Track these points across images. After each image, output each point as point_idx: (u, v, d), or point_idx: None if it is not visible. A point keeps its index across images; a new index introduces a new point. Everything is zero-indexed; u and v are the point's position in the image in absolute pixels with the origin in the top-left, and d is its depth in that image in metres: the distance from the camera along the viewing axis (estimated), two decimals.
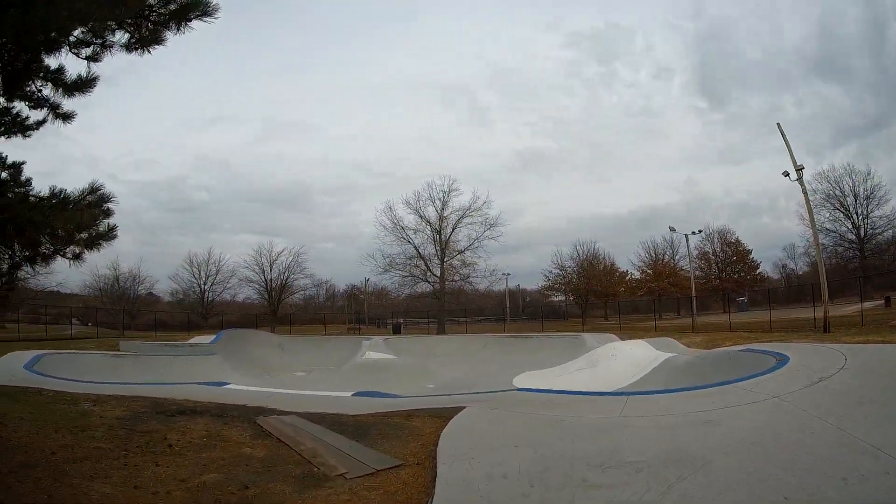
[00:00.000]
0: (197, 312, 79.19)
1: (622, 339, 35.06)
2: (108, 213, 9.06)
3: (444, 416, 12.14)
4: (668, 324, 55.63)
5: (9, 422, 10.73)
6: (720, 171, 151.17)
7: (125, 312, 70.09)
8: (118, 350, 36.06)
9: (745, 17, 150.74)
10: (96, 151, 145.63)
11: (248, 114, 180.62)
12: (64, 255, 8.99)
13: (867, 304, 47.26)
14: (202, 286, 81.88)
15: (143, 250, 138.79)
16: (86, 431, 10.66)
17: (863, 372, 13.18)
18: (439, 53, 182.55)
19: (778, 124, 35.07)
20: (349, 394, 20.50)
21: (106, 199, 8.95)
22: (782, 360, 16.01)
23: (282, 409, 14.20)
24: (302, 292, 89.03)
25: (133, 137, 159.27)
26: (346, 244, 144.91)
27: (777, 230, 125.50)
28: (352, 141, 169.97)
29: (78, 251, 8.99)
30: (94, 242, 8.90)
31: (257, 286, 79.38)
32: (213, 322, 72.42)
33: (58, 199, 8.43)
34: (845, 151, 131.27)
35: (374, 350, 39.78)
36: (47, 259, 9.02)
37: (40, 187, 9.06)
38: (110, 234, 9.04)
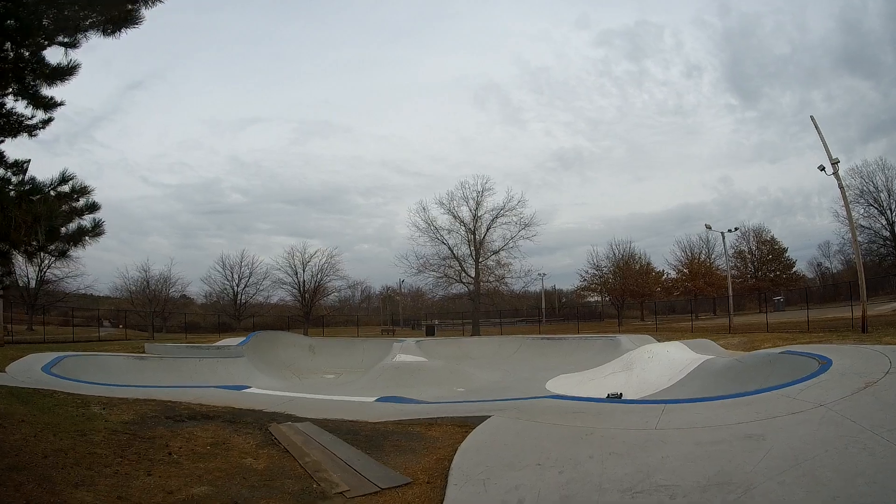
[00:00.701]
0: (229, 314, 79.20)
1: (658, 340, 34.00)
2: (94, 208, 8.34)
3: (467, 425, 11.47)
4: (705, 324, 54.14)
5: (9, 423, 10.16)
6: (755, 169, 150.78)
7: (156, 314, 70.03)
8: (143, 352, 35.67)
9: (771, 13, 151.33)
10: (130, 156, 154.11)
11: (283, 116, 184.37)
12: (48, 252, 8.31)
13: None
14: (235, 288, 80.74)
15: (179, 253, 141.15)
16: (86, 436, 10.09)
17: None
18: (471, 53, 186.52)
19: (811, 117, 34.24)
20: (373, 399, 19.70)
21: (81, 191, 8.22)
22: (825, 364, 14.91)
23: (299, 414, 13.68)
24: (336, 294, 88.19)
25: (167, 141, 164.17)
26: (381, 245, 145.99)
27: (811, 228, 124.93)
28: (385, 142, 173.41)
29: (62, 247, 8.29)
30: (76, 239, 8.19)
31: (290, 288, 78.26)
32: (245, 324, 72.14)
33: (25, 189, 7.73)
34: (875, 147, 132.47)
35: (406, 352, 38.62)
36: (31, 256, 8.33)
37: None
38: (96, 230, 8.32)
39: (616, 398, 31.15)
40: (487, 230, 63.01)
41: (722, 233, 53.57)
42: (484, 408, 14.00)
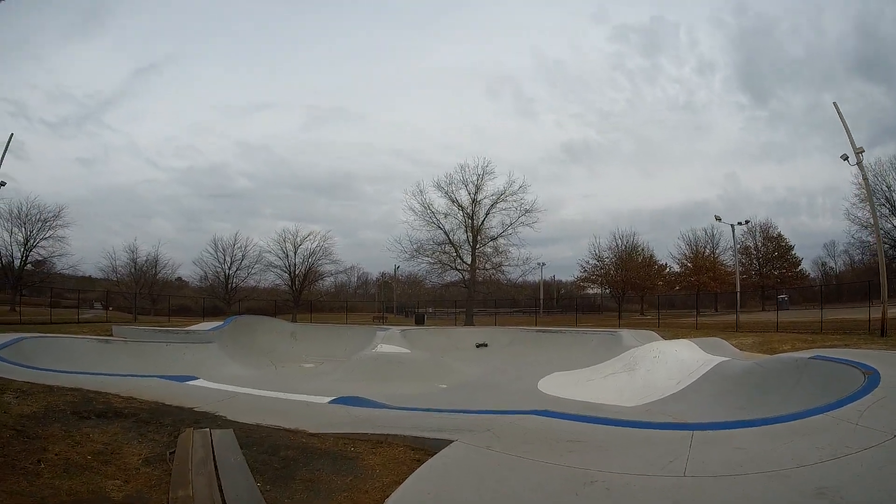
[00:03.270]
0: (220, 298, 76.81)
1: (663, 337, 31.22)
2: None
3: (422, 449, 8.67)
4: (710, 321, 51.93)
5: None
6: (762, 168, 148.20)
7: (141, 296, 68.25)
8: (111, 335, 33.51)
9: (787, 15, 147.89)
10: (138, 139, 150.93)
11: (295, 102, 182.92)
12: None
13: None
14: (226, 271, 78.33)
15: (182, 236, 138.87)
16: None
17: None
18: (486, 43, 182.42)
19: (835, 104, 32.30)
20: (327, 399, 16.73)
21: None
22: (871, 375, 12.36)
23: (230, 417, 11.19)
24: (331, 278, 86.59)
25: (177, 125, 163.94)
26: (384, 232, 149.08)
27: (815, 229, 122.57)
28: (397, 130, 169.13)
29: None
30: None
31: (280, 272, 77.05)
32: (236, 308, 69.41)
33: None
34: (883, 151, 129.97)
35: (388, 342, 36.18)
36: None
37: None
38: None
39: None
40: (486, 215, 60.80)
41: (732, 225, 50.88)
42: (454, 423, 10.78)
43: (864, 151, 30.79)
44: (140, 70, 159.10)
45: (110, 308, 64.54)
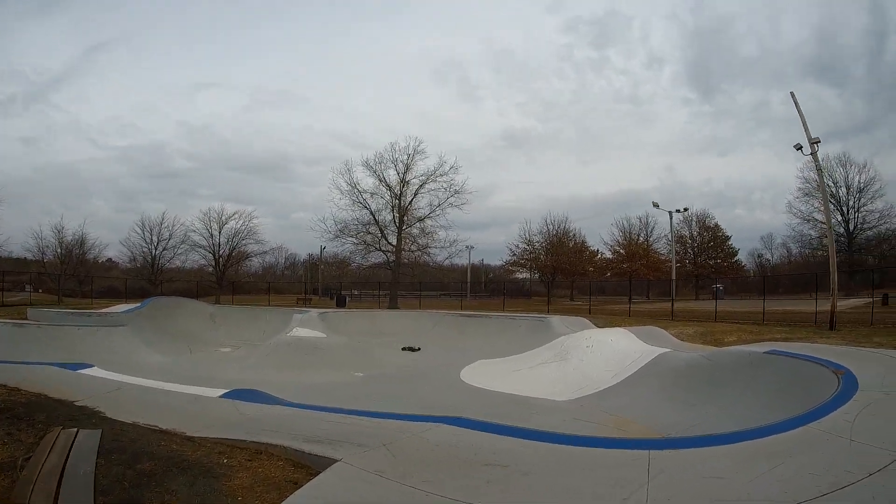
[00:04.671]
0: (146, 279, 74.10)
1: (596, 324, 30.19)
2: None
3: (304, 466, 7.16)
4: (643, 308, 51.23)
5: None
6: (702, 160, 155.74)
7: (67, 277, 65.43)
8: (25, 318, 32.52)
9: (747, 15, 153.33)
10: (83, 117, 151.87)
11: (241, 83, 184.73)
12: None
13: (859, 301, 46.27)
14: (153, 251, 76.07)
15: (117, 217, 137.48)
16: None
17: None
18: (437, 29, 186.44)
19: (792, 93, 30.64)
20: (218, 393, 15.07)
21: None
22: (845, 374, 11.10)
23: (109, 413, 9.93)
24: (257, 259, 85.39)
25: (122, 104, 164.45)
26: (317, 213, 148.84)
27: (751, 223, 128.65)
28: (339, 113, 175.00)
29: None
30: None
31: (205, 252, 75.60)
32: (165, 289, 67.56)
33: None
34: (829, 149, 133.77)
35: (305, 326, 34.57)
36: None
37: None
38: None
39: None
40: (415, 196, 59.38)
41: (670, 212, 50.69)
42: (348, 432, 8.93)
43: (819, 142, 29.97)
44: (92, 48, 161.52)
45: (40, 290, 62.78)
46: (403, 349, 30.29)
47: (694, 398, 15.46)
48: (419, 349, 29.51)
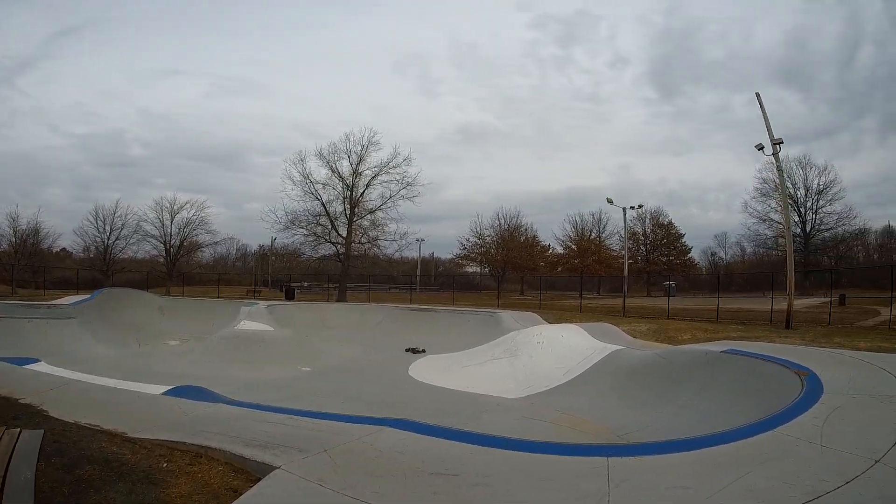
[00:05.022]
0: (99, 269, 72.73)
1: (547, 320, 29.90)
2: None
3: (245, 472, 6.65)
4: (594, 304, 51.84)
5: None
6: (658, 160, 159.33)
7: (22, 268, 64.45)
8: None
9: (718, 20, 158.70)
10: (46, 104, 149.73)
11: (202, 70, 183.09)
12: None
13: (814, 301, 48.56)
14: (106, 241, 74.29)
15: (73, 206, 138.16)
16: None
17: None
18: (404, 20, 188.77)
19: (757, 94, 31.00)
20: (162, 390, 14.46)
21: None
22: (809, 376, 10.66)
23: (53, 412, 9.23)
24: (209, 249, 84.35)
25: (87, 90, 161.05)
26: (271, 204, 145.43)
27: (705, 222, 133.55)
28: (299, 103, 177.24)
29: None
30: None
31: (156, 241, 73.95)
32: (117, 280, 67.01)
33: None
34: (790, 152, 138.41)
35: (252, 319, 33.70)
36: None
37: None
38: None
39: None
40: (367, 187, 59.05)
41: (624, 209, 50.31)
42: (289, 434, 8.12)
43: (782, 142, 30.29)
44: (60, 32, 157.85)
45: None
46: (407, 350, 29.45)
47: (649, 397, 15.11)
48: (423, 350, 28.73)
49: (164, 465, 6.85)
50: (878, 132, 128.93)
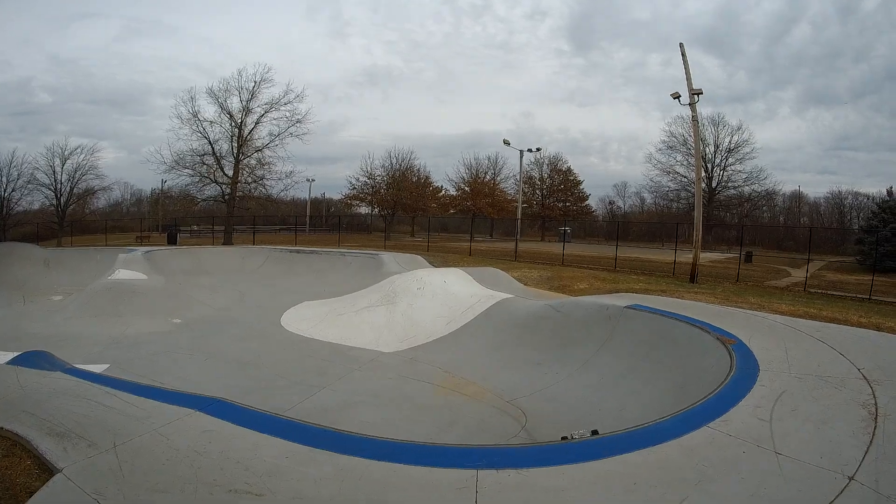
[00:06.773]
0: None
1: (432, 263, 28.54)
2: None
3: (46, 468, 5.27)
4: (485, 247, 51.31)
5: None
6: (561, 109, 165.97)
7: None
8: None
9: None
10: None
11: (112, 12, 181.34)
12: None
13: (717, 256, 50.30)
14: (2, 194, 70.18)
15: None
16: None
17: None
18: None
19: (681, 44, 30.57)
20: (9, 357, 12.04)
21: None
22: (736, 344, 9.18)
23: None
24: (103, 194, 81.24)
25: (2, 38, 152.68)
26: (163, 146, 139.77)
27: (605, 171, 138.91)
28: (206, 44, 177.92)
29: None
30: None
31: (47, 190, 70.91)
32: (14, 234, 64.32)
33: None
34: (703, 112, 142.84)
35: (128, 267, 30.65)
36: None
37: None
38: None
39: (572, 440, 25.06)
40: (255, 124, 57.10)
41: (521, 151, 48.87)
42: (101, 419, 5.80)
43: (701, 93, 29.89)
44: None
45: None
46: (562, 437, 26.93)
47: (540, 356, 13.44)
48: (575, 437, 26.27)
49: None
50: (796, 103, 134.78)
